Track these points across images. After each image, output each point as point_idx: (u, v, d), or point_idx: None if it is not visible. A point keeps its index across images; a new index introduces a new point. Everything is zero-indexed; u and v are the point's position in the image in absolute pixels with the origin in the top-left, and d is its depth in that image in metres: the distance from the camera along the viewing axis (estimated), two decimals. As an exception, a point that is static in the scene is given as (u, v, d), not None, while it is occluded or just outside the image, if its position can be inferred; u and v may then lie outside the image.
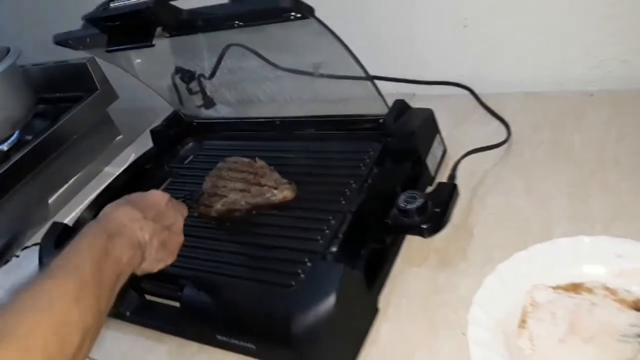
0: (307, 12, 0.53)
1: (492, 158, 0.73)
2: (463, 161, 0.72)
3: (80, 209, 0.98)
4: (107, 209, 0.56)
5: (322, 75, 0.75)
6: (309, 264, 0.60)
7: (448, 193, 0.61)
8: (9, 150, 1.01)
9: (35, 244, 0.91)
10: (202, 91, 0.93)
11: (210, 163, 0.82)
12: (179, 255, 0.67)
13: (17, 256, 0.90)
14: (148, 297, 0.68)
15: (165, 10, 0.55)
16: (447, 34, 0.86)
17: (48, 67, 1.10)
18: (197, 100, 0.93)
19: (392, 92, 0.95)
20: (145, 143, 0.98)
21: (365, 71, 0.65)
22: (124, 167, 1.03)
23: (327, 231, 0.63)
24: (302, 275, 0.59)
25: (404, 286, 0.61)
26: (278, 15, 0.54)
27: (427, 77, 0.90)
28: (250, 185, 0.72)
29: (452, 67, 0.89)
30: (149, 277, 0.67)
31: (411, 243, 0.65)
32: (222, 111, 0.95)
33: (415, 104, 0.88)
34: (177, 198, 0.79)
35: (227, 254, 0.66)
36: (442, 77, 0.89)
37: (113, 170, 1.08)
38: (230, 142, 0.88)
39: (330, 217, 0.65)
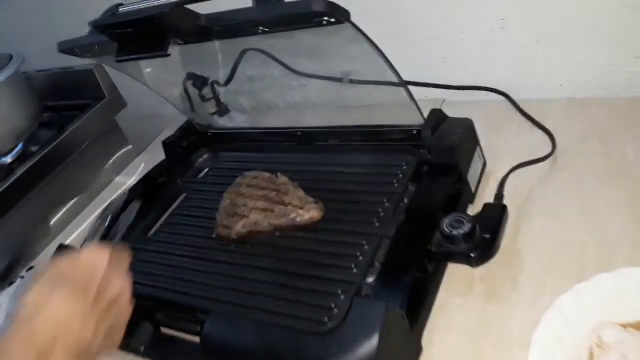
0: (343, 17, 0.47)
1: (537, 172, 0.67)
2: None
3: (88, 223, 0.94)
4: (32, 297, 0.40)
5: (351, 81, 0.69)
6: (342, 296, 0.54)
7: (497, 216, 0.55)
8: (12, 162, 0.96)
9: (39, 265, 0.86)
10: (216, 98, 0.87)
11: (227, 177, 0.76)
12: (198, 283, 0.61)
13: (22, 277, 0.85)
14: (164, 329, 0.62)
15: (182, 17, 0.49)
16: (482, 35, 0.79)
17: (53, 74, 1.04)
18: (210, 107, 0.87)
19: (419, 97, 0.89)
20: (154, 152, 0.92)
21: (399, 77, 0.59)
22: (134, 179, 0.99)
23: (360, 258, 0.57)
24: (336, 310, 0.53)
25: (449, 320, 0.55)
26: (309, 20, 0.48)
27: (459, 81, 0.84)
28: (273, 204, 0.66)
29: (486, 71, 0.82)
30: (164, 306, 0.62)
31: (454, 269, 0.59)
32: (237, 119, 0.89)
33: (447, 110, 0.82)
34: (190, 216, 0.74)
35: (249, 282, 0.60)
36: (475, 82, 0.83)
37: (123, 180, 1.03)
38: (247, 154, 0.82)
39: (364, 242, 0.59)
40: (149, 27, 0.51)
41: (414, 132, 0.67)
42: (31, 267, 0.86)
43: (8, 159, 0.96)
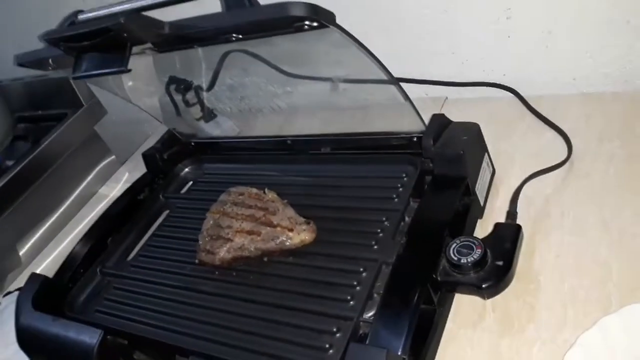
0: (327, 20, 0.40)
1: (552, 180, 0.60)
2: (514, 186, 0.59)
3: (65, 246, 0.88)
4: None
5: (341, 81, 0.62)
6: (338, 334, 0.48)
7: (511, 239, 0.49)
8: (-14, 178, 0.89)
9: (18, 289, 0.80)
10: (200, 102, 0.80)
11: (212, 192, 0.70)
12: (180, 317, 0.56)
13: (-1, 304, 0.79)
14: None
15: (142, 26, 0.43)
16: (486, 26, 0.72)
17: (27, 82, 0.97)
18: (196, 112, 0.81)
19: (419, 95, 0.83)
20: (140, 161, 0.85)
21: (395, 80, 0.52)
22: (116, 192, 0.93)
23: (358, 288, 0.51)
24: (331, 351, 0.47)
25: (459, 356, 0.48)
26: (288, 26, 0.41)
27: (462, 77, 0.77)
28: (260, 226, 0.59)
29: (492, 66, 0.75)
30: (142, 344, 0.56)
31: (461, 295, 0.53)
32: (224, 125, 0.82)
33: (449, 110, 0.76)
34: (172, 238, 0.68)
35: (235, 317, 0.54)
36: (480, 78, 0.76)
37: (107, 191, 0.97)
38: (233, 166, 0.76)
39: (361, 269, 0.52)
40: (107, 39, 0.44)
41: (414, 139, 0.61)
42: (8, 293, 0.80)
43: (-18, 175, 0.90)
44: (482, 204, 0.58)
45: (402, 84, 0.54)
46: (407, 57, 0.78)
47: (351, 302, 0.50)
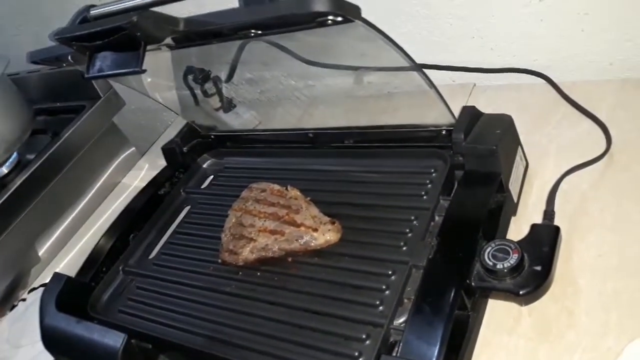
0: (352, 15, 0.38)
1: (590, 174, 0.57)
2: (549, 180, 0.56)
3: (93, 232, 0.88)
4: None
5: (365, 71, 0.60)
6: (367, 342, 0.46)
7: (549, 241, 0.46)
8: (9, 173, 0.89)
9: (43, 285, 0.80)
10: (219, 92, 0.78)
11: (233, 187, 0.68)
12: (204, 319, 0.54)
13: (24, 300, 0.79)
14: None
15: (156, 24, 0.40)
16: (516, 9, 0.68)
17: (44, 74, 0.96)
18: (215, 103, 0.79)
19: (447, 82, 0.80)
20: (160, 152, 0.84)
21: (424, 74, 0.49)
22: (136, 184, 0.92)
23: (387, 292, 0.49)
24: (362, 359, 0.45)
25: (493, 364, 0.46)
26: (311, 21, 0.39)
27: (491, 63, 0.74)
28: (283, 225, 0.58)
29: (523, 50, 0.71)
30: (166, 349, 0.55)
31: (496, 299, 0.50)
32: (244, 115, 0.80)
33: (477, 98, 0.73)
34: (194, 235, 0.66)
35: (260, 320, 0.52)
36: (510, 64, 0.72)
37: (129, 182, 0.96)
38: (254, 160, 0.74)
39: (390, 272, 0.50)
40: (120, 38, 0.42)
41: (444, 132, 0.58)
42: (33, 289, 0.80)
43: (4, 170, 0.90)
44: (515, 200, 0.56)
45: (429, 71, 0.51)
46: (434, 42, 0.75)
47: (380, 308, 0.48)
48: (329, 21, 0.39)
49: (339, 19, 0.38)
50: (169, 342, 0.54)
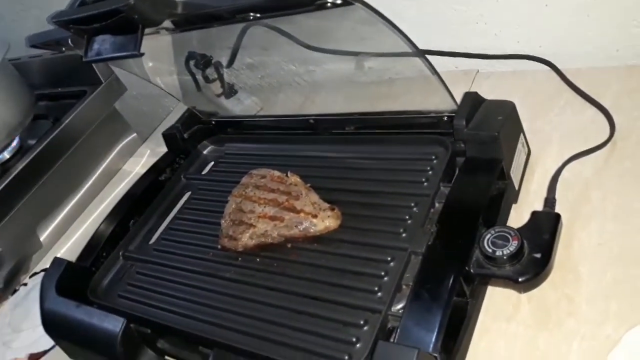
0: (352, -3, 0.37)
1: (593, 162, 0.57)
2: (551, 168, 0.56)
3: (94, 218, 0.88)
4: None
5: (366, 56, 0.59)
6: (365, 327, 0.46)
7: (549, 229, 0.45)
8: (10, 158, 0.89)
9: (44, 270, 0.80)
10: (220, 78, 0.77)
11: (233, 174, 0.68)
12: (204, 305, 0.54)
13: (25, 284, 0.80)
14: (168, 358, 0.56)
15: (153, 7, 0.40)
16: (521, -6, 0.67)
17: (45, 59, 0.95)
18: (216, 88, 0.78)
19: (449, 68, 0.79)
20: (161, 137, 0.83)
21: (425, 59, 0.49)
22: (137, 170, 0.92)
23: (385, 278, 0.49)
24: (358, 345, 0.45)
25: (492, 351, 0.46)
26: (309, 4, 0.38)
27: (495, 49, 0.73)
28: (283, 211, 0.57)
29: (527, 36, 0.70)
30: (166, 333, 0.55)
31: (494, 286, 0.50)
32: (245, 101, 0.80)
33: (480, 84, 0.73)
34: (195, 221, 0.66)
35: (259, 305, 0.52)
36: (514, 50, 0.71)
37: (130, 168, 0.97)
38: (255, 146, 0.74)
39: (389, 258, 0.50)
40: (118, 21, 0.42)
41: (445, 118, 0.57)
42: (34, 274, 0.81)
43: (6, 155, 0.90)
44: (516, 187, 0.55)
45: (431, 57, 0.51)
46: (436, 28, 0.74)
47: (379, 294, 0.48)
48: (328, 3, 0.38)
49: (338, 1, 0.38)
50: (168, 327, 0.54)
